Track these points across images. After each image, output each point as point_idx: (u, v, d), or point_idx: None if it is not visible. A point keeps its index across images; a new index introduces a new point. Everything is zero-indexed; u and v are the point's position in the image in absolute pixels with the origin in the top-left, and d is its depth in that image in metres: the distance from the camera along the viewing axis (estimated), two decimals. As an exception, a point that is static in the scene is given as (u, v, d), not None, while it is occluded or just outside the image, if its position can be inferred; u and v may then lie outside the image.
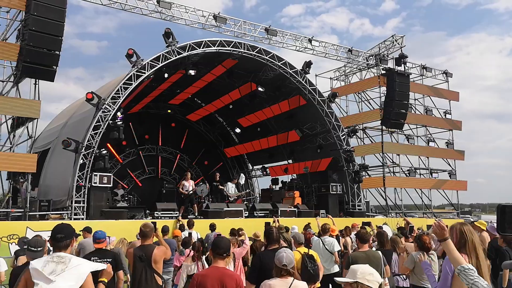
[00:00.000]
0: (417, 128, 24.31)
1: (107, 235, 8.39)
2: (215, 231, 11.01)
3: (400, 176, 22.92)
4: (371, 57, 22.28)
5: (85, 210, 13.58)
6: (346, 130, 20.07)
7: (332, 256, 7.86)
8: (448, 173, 24.58)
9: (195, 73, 17.59)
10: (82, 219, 13.14)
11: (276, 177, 23.84)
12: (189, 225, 11.68)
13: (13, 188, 15.39)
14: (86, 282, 3.16)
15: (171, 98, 22.43)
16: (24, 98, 13.40)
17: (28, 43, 12.51)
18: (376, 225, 12.80)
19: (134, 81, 14.77)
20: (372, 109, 23.30)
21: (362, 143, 23.73)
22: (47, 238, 8.44)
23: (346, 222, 13.60)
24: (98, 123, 14.08)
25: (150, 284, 5.26)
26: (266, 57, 17.71)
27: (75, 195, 13.42)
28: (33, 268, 3.07)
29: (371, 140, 23.57)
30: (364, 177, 20.89)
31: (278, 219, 13.61)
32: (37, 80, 13.49)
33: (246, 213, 16.43)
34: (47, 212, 13.41)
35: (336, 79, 25.73)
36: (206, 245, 7.39)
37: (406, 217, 10.37)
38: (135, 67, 14.80)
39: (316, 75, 25.12)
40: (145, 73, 14.98)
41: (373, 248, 7.19)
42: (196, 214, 15.37)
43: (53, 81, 13.38)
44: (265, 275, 4.31)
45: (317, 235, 8.84)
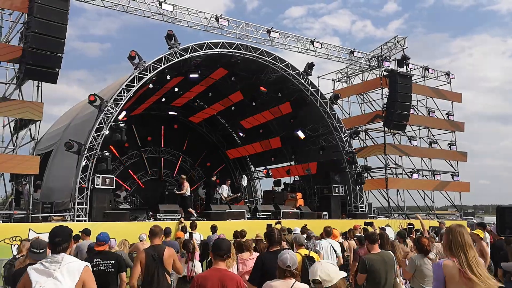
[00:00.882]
0: (420, 130, 24.26)
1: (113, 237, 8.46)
2: (217, 233, 10.99)
3: (403, 178, 22.88)
4: (373, 59, 22.26)
5: (88, 212, 13.58)
6: (348, 132, 20.06)
7: (337, 259, 7.84)
8: (451, 175, 24.51)
9: (197, 75, 17.61)
10: (85, 221, 13.16)
11: (279, 179, 23.80)
12: (192, 227, 11.68)
13: (16, 190, 15.42)
14: (84, 277, 3.20)
15: (173, 100, 22.47)
16: (27, 100, 13.42)
17: (31, 45, 12.54)
18: (379, 227, 12.76)
19: (137, 83, 14.80)
20: (375, 111, 23.27)
21: (365, 145, 23.70)
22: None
23: (349, 224, 13.58)
24: (101, 125, 14.10)
25: (162, 282, 5.47)
26: (268, 59, 17.72)
27: (78, 197, 13.44)
28: (30, 269, 3.20)
29: (374, 142, 23.54)
30: (367, 179, 20.87)
31: (281, 222, 13.61)
32: (40, 82, 13.53)
33: (249, 215, 16.42)
34: (50, 214, 13.43)
35: (338, 81, 25.73)
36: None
37: (419, 217, 10.33)
38: (138, 69, 14.82)
39: (318, 77, 25.12)
40: (148, 75, 15.00)
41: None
42: (197, 216, 15.43)
43: (56, 83, 13.40)
44: (267, 277, 4.30)
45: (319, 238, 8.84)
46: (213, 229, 11.27)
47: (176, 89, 20.35)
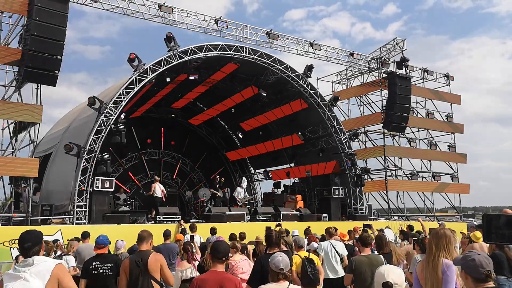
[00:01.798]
0: (419, 131, 24.25)
1: (121, 239, 8.43)
2: (216, 235, 10.97)
3: (402, 180, 22.86)
4: (373, 61, 22.28)
5: (87, 215, 13.58)
6: (348, 134, 20.05)
7: (340, 260, 7.81)
8: (451, 176, 24.49)
9: (197, 77, 17.61)
10: (84, 224, 13.16)
11: (278, 181, 23.79)
12: (192, 229, 11.66)
13: (15, 193, 15.41)
14: (57, 274, 3.28)
15: (173, 102, 22.47)
16: (26, 103, 13.44)
17: (30, 48, 12.57)
18: (377, 229, 12.74)
19: (136, 86, 14.80)
20: (374, 112, 23.28)
21: (364, 147, 23.69)
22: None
23: (349, 226, 13.56)
24: (100, 128, 14.11)
25: None
26: (268, 61, 17.73)
27: (77, 200, 13.44)
28: (5, 275, 3.32)
29: (373, 144, 23.54)
30: (366, 181, 20.87)
31: (281, 224, 13.57)
32: (39, 85, 13.54)
33: (248, 217, 16.41)
34: (49, 217, 13.42)
35: (338, 83, 25.75)
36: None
37: (420, 219, 10.33)
38: (137, 72, 14.83)
39: (318, 79, 25.15)
40: (147, 77, 15.01)
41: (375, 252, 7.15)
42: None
43: (55, 86, 13.44)
44: (266, 279, 4.29)
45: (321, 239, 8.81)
46: (212, 231, 11.27)
47: (176, 92, 20.35)
